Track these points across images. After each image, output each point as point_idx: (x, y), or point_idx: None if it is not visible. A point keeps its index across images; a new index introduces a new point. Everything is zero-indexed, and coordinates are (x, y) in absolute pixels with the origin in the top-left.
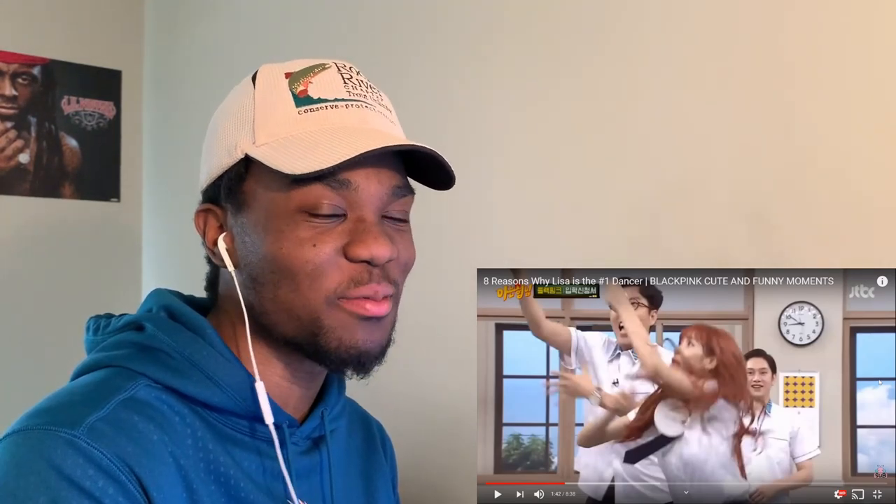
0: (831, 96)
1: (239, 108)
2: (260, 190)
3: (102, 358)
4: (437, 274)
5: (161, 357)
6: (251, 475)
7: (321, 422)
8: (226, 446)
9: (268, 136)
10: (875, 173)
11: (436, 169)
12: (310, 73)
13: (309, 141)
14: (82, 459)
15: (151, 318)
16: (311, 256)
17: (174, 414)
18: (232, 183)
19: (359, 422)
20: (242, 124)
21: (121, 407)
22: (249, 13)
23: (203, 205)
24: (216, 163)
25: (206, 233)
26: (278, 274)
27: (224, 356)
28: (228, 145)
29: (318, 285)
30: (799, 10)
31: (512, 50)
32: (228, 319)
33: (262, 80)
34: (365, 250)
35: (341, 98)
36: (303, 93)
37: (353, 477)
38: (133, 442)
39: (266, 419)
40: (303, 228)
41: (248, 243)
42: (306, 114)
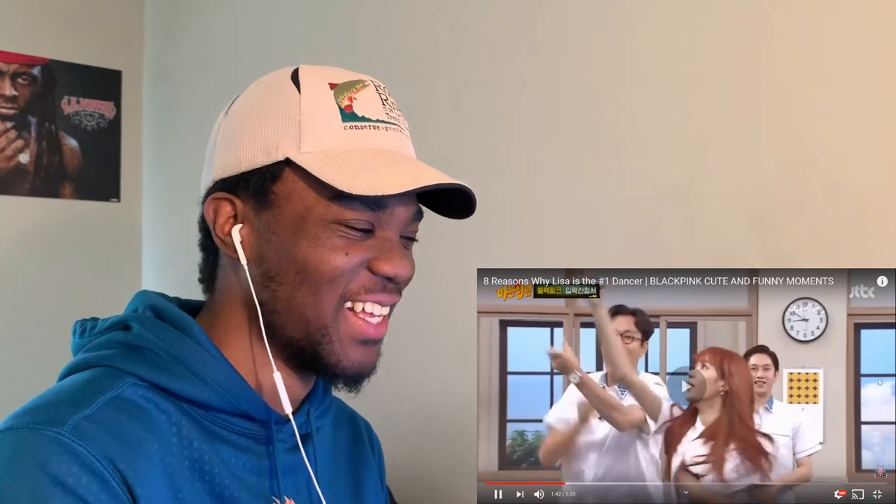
0: (832, 96)
1: (281, 109)
2: (295, 195)
3: (90, 358)
4: (437, 274)
5: (148, 355)
6: (236, 472)
7: (307, 419)
8: (212, 443)
9: (314, 146)
10: (875, 173)
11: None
12: (352, 89)
13: (359, 160)
14: (67, 457)
15: (138, 318)
16: (342, 263)
17: (160, 412)
18: (264, 181)
19: (346, 419)
20: (286, 127)
21: (107, 406)
22: (249, 13)
23: (219, 193)
24: (246, 157)
25: (216, 221)
26: (302, 275)
27: (210, 353)
28: (267, 144)
29: (335, 288)
30: (799, 10)
31: (512, 50)
32: (227, 314)
33: (308, 85)
34: (391, 268)
35: (382, 120)
36: (348, 108)
37: (341, 473)
38: (118, 440)
39: (285, 408)
40: (337, 237)
41: (272, 241)
42: (351, 130)
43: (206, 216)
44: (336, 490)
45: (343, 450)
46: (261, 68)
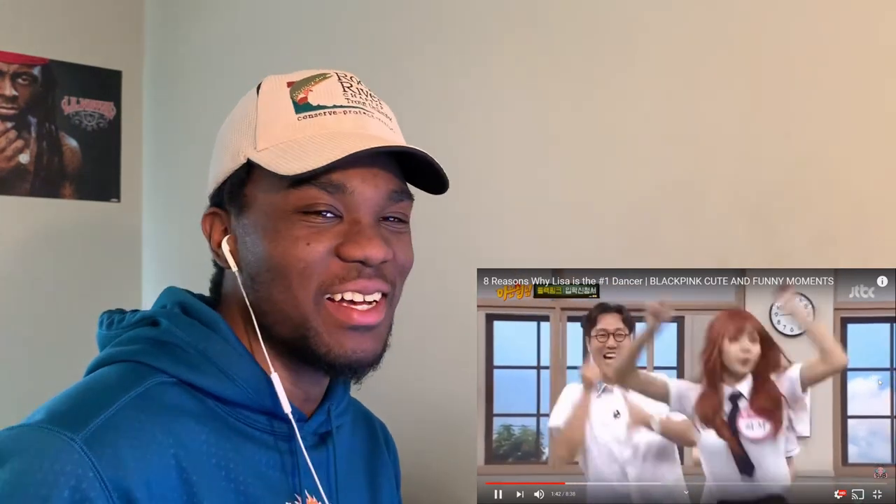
0: (832, 96)
1: (243, 116)
2: (260, 193)
3: (117, 353)
4: (437, 274)
5: (176, 351)
6: (258, 469)
7: (327, 417)
8: (235, 441)
9: (268, 142)
10: (875, 173)
11: (430, 173)
12: (311, 83)
13: (309, 146)
14: (70, 467)
15: (166, 314)
16: (304, 255)
17: (183, 412)
18: (234, 187)
19: (362, 420)
20: (245, 131)
21: (130, 405)
22: (249, 13)
23: (209, 209)
24: (221, 168)
25: (211, 235)
26: (272, 272)
27: (237, 351)
28: (233, 151)
29: (306, 283)
30: (798, 10)
31: (512, 49)
32: (231, 321)
33: (266, 89)
34: (358, 250)
35: (340, 105)
36: (303, 100)
37: (358, 473)
38: (132, 445)
39: (284, 408)
40: (298, 228)
41: (248, 244)
42: (305, 120)
43: (203, 233)
44: (354, 488)
45: (360, 449)
46: (261, 68)
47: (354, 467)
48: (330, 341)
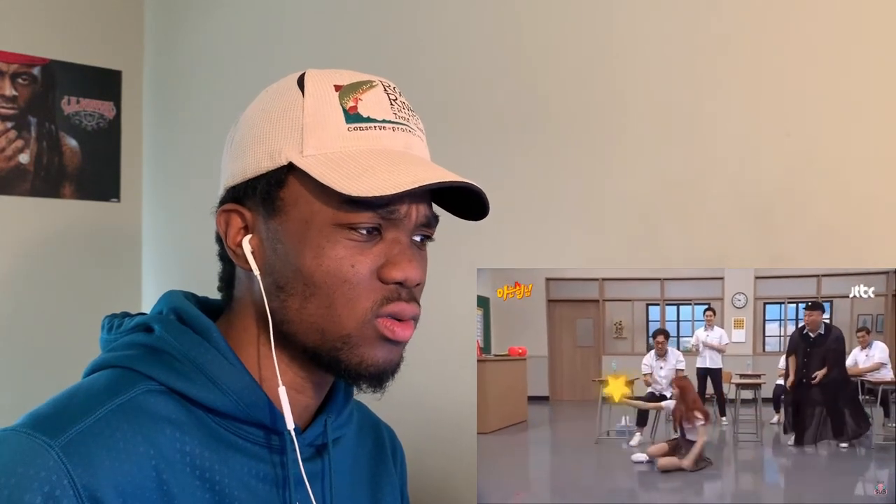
0: (832, 96)
1: (284, 112)
2: (301, 200)
3: (111, 358)
4: (437, 274)
5: (167, 359)
6: (245, 480)
7: (324, 430)
8: (223, 452)
9: (317, 149)
10: (875, 173)
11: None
12: (358, 90)
13: (362, 162)
14: (44, 473)
15: (161, 320)
16: (349, 276)
17: (169, 421)
18: (270, 187)
19: (369, 428)
20: (289, 131)
21: (113, 413)
22: (249, 13)
23: (228, 204)
24: (252, 164)
25: (227, 232)
26: (312, 288)
27: (228, 360)
28: (271, 149)
29: (353, 306)
30: (799, 10)
31: (513, 49)
32: (241, 323)
33: (312, 88)
34: (400, 273)
35: (389, 120)
36: (353, 109)
37: (360, 484)
38: (110, 454)
39: (287, 425)
40: (341, 246)
41: (279, 251)
42: (356, 131)
43: (217, 228)
44: (354, 500)
45: (364, 460)
46: (261, 68)
47: (357, 478)
48: (364, 353)
